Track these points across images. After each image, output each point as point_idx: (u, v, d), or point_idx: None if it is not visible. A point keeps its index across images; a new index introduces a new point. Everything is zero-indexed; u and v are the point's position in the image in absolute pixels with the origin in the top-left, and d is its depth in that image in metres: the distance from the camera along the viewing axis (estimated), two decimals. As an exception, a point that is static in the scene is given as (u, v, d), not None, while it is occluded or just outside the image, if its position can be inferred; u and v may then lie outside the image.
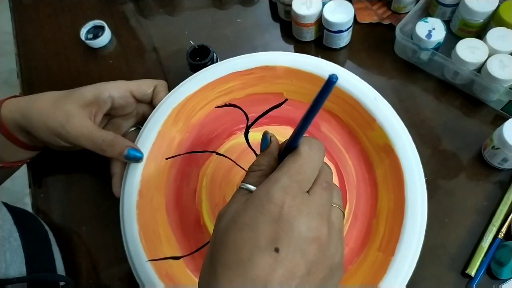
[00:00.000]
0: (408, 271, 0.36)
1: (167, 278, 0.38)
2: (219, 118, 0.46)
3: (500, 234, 0.42)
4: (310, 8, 0.51)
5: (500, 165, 0.44)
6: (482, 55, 0.46)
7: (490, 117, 0.49)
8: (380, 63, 0.54)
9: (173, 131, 0.44)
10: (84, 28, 0.58)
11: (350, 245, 0.40)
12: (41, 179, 0.49)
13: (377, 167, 0.42)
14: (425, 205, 0.38)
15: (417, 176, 0.39)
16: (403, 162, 0.40)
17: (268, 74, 0.45)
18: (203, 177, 0.44)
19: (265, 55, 0.45)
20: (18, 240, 0.39)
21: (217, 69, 0.45)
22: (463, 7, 0.50)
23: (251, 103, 0.46)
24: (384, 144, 0.41)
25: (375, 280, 0.36)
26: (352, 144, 0.44)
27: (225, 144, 0.46)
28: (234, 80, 0.45)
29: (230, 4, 0.61)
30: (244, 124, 0.46)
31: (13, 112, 0.41)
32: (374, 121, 0.42)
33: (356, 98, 0.42)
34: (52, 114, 0.40)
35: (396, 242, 0.37)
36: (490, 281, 0.40)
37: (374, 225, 0.40)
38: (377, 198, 0.41)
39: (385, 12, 0.57)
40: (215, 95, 0.45)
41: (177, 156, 0.44)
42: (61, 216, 0.47)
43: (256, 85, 0.45)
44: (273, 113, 0.46)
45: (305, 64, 0.44)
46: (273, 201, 0.25)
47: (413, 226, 0.37)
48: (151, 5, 0.62)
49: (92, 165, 0.48)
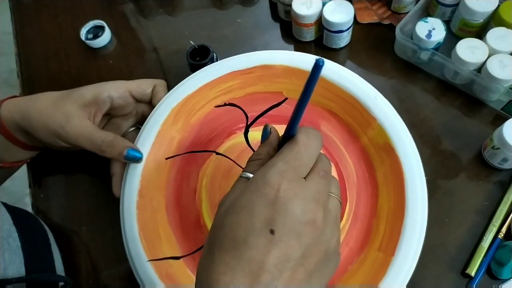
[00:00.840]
0: (409, 271, 0.36)
1: (167, 278, 0.38)
2: (219, 117, 0.46)
3: (500, 234, 0.42)
4: (310, 8, 0.51)
5: (500, 165, 0.44)
6: (482, 55, 0.46)
7: (490, 117, 0.49)
8: (380, 63, 0.54)
9: (172, 131, 0.44)
10: (84, 28, 0.58)
11: (350, 245, 0.40)
12: (41, 179, 0.49)
13: (377, 166, 0.42)
14: (426, 205, 0.38)
15: (418, 175, 0.39)
16: (404, 161, 0.39)
17: (267, 73, 0.45)
18: (203, 177, 0.44)
19: (264, 54, 0.45)
20: (17, 241, 0.39)
21: (216, 68, 0.45)
22: (463, 7, 0.50)
23: (251, 102, 0.46)
24: (384, 144, 0.41)
25: (376, 280, 0.36)
26: (352, 143, 0.44)
27: (224, 144, 0.46)
28: (233, 80, 0.45)
29: (230, 4, 0.61)
30: (244, 124, 0.46)
31: (13, 113, 0.41)
32: (375, 120, 0.41)
33: (356, 97, 0.42)
34: (51, 115, 0.40)
35: (396, 242, 0.37)
36: (490, 281, 0.40)
37: (375, 225, 0.40)
38: (377, 198, 0.41)
39: (385, 12, 0.57)
40: (214, 94, 0.45)
41: (176, 156, 0.44)
42: (61, 216, 0.47)
43: (256, 84, 0.45)
44: (273, 112, 0.46)
45: (304, 62, 0.44)
46: (269, 184, 0.25)
47: (414, 226, 0.37)
48: (151, 5, 0.62)
49: (92, 165, 0.48)
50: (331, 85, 0.43)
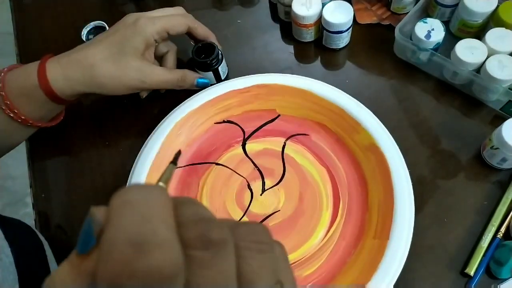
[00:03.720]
0: (404, 253, 0.38)
1: None
2: (218, 133, 0.50)
3: (499, 234, 0.42)
4: (309, 9, 0.51)
5: (499, 165, 0.45)
6: (481, 56, 0.46)
7: (489, 117, 0.49)
8: (379, 63, 0.54)
9: (176, 144, 0.47)
10: (85, 28, 0.58)
11: (347, 240, 0.43)
12: (42, 179, 0.50)
13: (364, 165, 0.45)
14: (411, 191, 0.41)
15: (401, 166, 0.42)
16: (388, 156, 0.43)
17: (263, 91, 0.49)
18: (203, 186, 0.47)
19: (261, 77, 0.49)
20: (10, 257, 0.37)
21: (217, 88, 0.49)
22: (462, 8, 0.50)
23: (248, 119, 0.50)
24: (369, 144, 0.45)
25: (374, 265, 0.38)
26: (340, 150, 0.47)
27: (223, 155, 0.48)
28: (233, 98, 0.49)
29: (230, 5, 0.61)
30: (241, 138, 0.49)
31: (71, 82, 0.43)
32: (359, 124, 0.45)
33: (342, 107, 0.46)
34: (125, 76, 0.44)
35: (389, 227, 0.40)
36: (489, 281, 0.41)
37: (368, 218, 0.43)
38: (367, 193, 0.44)
39: (384, 12, 0.57)
40: (215, 111, 0.49)
41: (178, 168, 0.47)
42: (62, 216, 0.47)
43: (252, 102, 0.49)
44: (267, 127, 0.50)
45: (295, 82, 0.48)
46: None
47: (403, 210, 0.40)
48: (151, 5, 0.62)
49: (93, 165, 0.48)
50: (319, 99, 0.47)
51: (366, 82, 0.52)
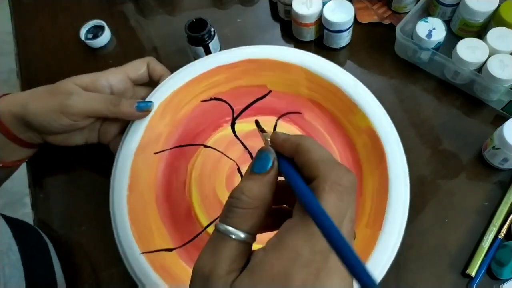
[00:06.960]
0: (395, 244, 0.37)
1: (162, 270, 0.38)
2: (205, 112, 0.47)
3: (500, 234, 0.42)
4: (310, 8, 0.51)
5: (501, 165, 0.44)
6: (483, 55, 0.46)
7: (491, 117, 0.49)
8: (380, 63, 0.53)
9: (160, 126, 0.45)
10: (84, 28, 0.58)
11: None
12: (40, 179, 0.49)
13: (359, 149, 0.44)
14: (407, 181, 0.39)
15: (398, 153, 0.40)
16: (384, 141, 0.41)
17: (252, 67, 0.46)
18: (191, 170, 0.45)
19: (249, 49, 0.46)
20: (17, 254, 0.38)
21: (202, 63, 0.46)
22: (464, 7, 0.49)
23: (236, 96, 0.47)
24: (365, 127, 0.42)
25: (365, 255, 0.37)
26: (335, 130, 0.46)
27: (212, 137, 0.47)
28: (219, 74, 0.46)
29: (230, 4, 0.61)
30: (230, 117, 0.47)
31: (10, 106, 0.41)
32: (355, 105, 0.43)
33: (337, 86, 0.44)
34: (51, 96, 0.40)
35: (382, 218, 0.38)
36: (491, 281, 0.40)
37: (361, 203, 0.41)
38: (361, 178, 0.43)
39: (385, 12, 0.57)
40: (201, 89, 0.46)
41: (165, 151, 0.45)
42: (60, 216, 0.47)
43: (241, 78, 0.46)
44: (258, 104, 0.47)
45: (286, 56, 0.45)
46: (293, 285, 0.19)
47: (398, 201, 0.38)
48: (151, 5, 0.62)
49: (92, 165, 0.48)
50: (313, 76, 0.45)
51: (366, 81, 0.52)
